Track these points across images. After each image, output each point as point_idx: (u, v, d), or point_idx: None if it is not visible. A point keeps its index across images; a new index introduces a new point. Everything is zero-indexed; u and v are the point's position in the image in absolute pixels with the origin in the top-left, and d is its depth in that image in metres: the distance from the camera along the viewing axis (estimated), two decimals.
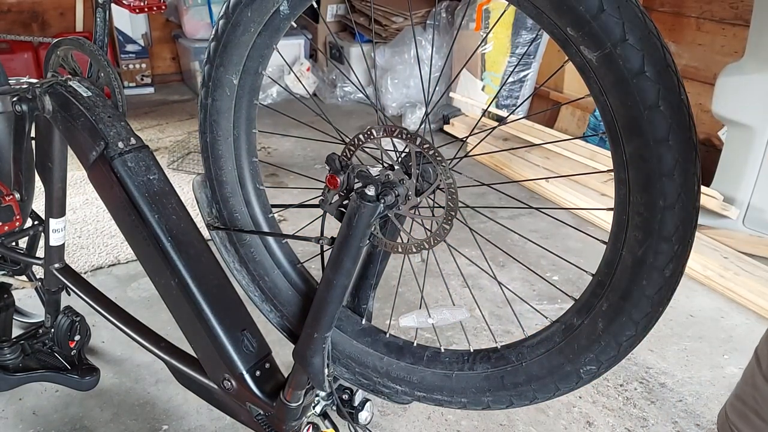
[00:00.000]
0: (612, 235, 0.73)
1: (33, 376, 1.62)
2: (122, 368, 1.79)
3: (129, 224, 1.11)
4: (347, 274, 0.90)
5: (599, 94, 0.67)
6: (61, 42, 1.29)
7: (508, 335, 1.95)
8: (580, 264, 0.89)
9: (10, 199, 1.40)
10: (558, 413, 1.68)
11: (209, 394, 1.17)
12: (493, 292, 2.15)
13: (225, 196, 1.06)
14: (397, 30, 3.97)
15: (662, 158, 0.64)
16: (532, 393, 0.86)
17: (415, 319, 1.11)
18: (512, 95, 3.53)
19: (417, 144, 0.82)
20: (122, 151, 1.11)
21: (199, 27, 4.23)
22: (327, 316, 0.94)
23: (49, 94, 1.19)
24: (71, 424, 1.60)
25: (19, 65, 3.77)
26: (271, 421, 1.10)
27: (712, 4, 2.81)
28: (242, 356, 1.08)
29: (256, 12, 0.89)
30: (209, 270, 1.11)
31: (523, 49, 3.38)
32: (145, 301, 2.08)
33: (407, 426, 1.63)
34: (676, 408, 1.72)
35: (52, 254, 1.51)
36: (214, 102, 0.99)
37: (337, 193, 0.89)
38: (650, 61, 0.63)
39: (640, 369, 1.85)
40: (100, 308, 1.41)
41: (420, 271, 1.87)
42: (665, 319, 0.71)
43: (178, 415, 1.63)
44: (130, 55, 4.37)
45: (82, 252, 2.39)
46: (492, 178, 3.12)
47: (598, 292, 0.76)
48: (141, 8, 1.69)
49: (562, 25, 0.66)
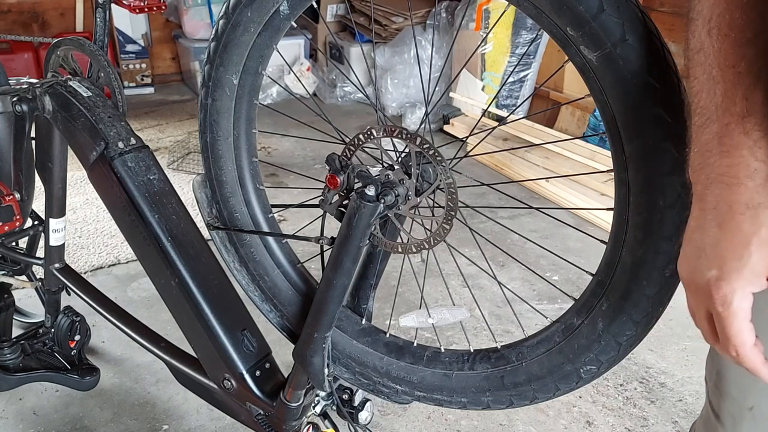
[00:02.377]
0: (612, 235, 0.73)
1: (33, 376, 1.62)
2: (122, 368, 1.79)
3: (129, 224, 1.11)
4: (347, 274, 0.90)
5: (599, 94, 0.67)
6: (61, 42, 1.29)
7: (508, 335, 1.95)
8: (580, 264, 0.89)
9: (10, 199, 1.40)
10: (558, 413, 1.68)
11: (209, 394, 1.17)
12: (493, 292, 2.15)
13: (225, 196, 1.06)
14: (397, 30, 3.97)
15: (662, 158, 0.64)
16: (532, 393, 0.86)
17: (415, 319, 1.12)
18: (512, 95, 3.53)
19: (417, 144, 0.82)
20: (122, 151, 1.11)
21: (199, 27, 4.23)
22: (327, 316, 0.94)
23: (49, 94, 1.19)
24: (71, 424, 1.60)
25: (19, 65, 3.77)
26: (271, 421, 1.10)
27: None
28: (242, 356, 1.08)
29: (256, 12, 0.89)
30: (209, 270, 1.11)
31: (523, 49, 3.38)
32: (145, 301, 2.08)
33: (407, 426, 1.63)
34: (676, 408, 1.72)
35: (52, 254, 1.51)
36: (214, 102, 0.99)
37: (337, 193, 0.89)
38: (650, 61, 0.63)
39: (640, 369, 1.85)
40: (100, 308, 1.41)
41: (420, 271, 1.87)
42: (665, 319, 0.71)
43: (178, 415, 1.63)
44: (130, 55, 4.37)
45: (82, 252, 2.39)
46: (492, 178, 3.12)
47: (598, 292, 0.76)
48: (141, 8, 1.69)
49: (562, 25, 0.66)
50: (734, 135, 0.53)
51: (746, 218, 0.52)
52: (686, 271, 0.58)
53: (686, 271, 0.58)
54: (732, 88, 0.53)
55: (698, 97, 0.56)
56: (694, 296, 0.58)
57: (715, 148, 0.54)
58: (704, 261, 0.55)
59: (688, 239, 0.57)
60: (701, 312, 0.57)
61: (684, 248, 0.58)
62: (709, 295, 0.55)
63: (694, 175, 0.56)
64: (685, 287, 0.58)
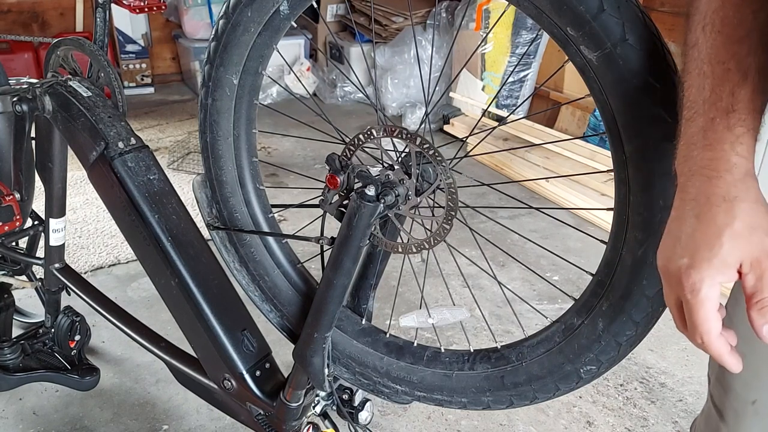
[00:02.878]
0: (612, 235, 0.73)
1: (33, 376, 1.62)
2: (122, 368, 1.79)
3: (129, 224, 1.11)
4: (347, 274, 0.90)
5: (599, 94, 0.67)
6: (61, 42, 1.29)
7: (508, 335, 1.95)
8: (580, 264, 0.89)
9: (10, 199, 1.40)
10: (558, 413, 1.68)
11: (209, 394, 1.17)
12: (493, 292, 2.15)
13: (225, 196, 1.06)
14: (397, 30, 3.97)
15: (662, 158, 0.64)
16: (532, 393, 0.86)
17: (415, 319, 1.12)
18: (512, 95, 3.53)
19: (417, 144, 0.82)
20: (122, 151, 1.11)
21: (199, 27, 4.23)
22: (327, 316, 0.94)
23: (49, 94, 1.19)
24: (71, 424, 1.60)
25: (19, 65, 3.76)
26: (271, 421, 1.10)
27: None
28: (242, 356, 1.08)
29: (256, 12, 0.89)
30: (209, 270, 1.11)
31: (523, 49, 3.38)
32: (145, 301, 2.08)
33: (407, 426, 1.63)
34: (676, 408, 1.72)
35: (52, 254, 1.51)
36: (214, 102, 0.99)
37: (337, 193, 0.89)
38: (650, 61, 0.63)
39: (641, 369, 1.85)
40: (100, 308, 1.41)
41: (420, 271, 1.87)
42: (665, 319, 0.71)
43: (178, 415, 1.63)
44: (130, 55, 4.37)
45: (82, 252, 2.39)
46: (492, 178, 3.12)
47: (598, 292, 0.76)
48: (141, 8, 1.69)
49: (562, 25, 0.66)
50: (718, 129, 0.54)
51: (721, 210, 0.54)
52: (662, 259, 0.59)
53: (662, 259, 0.59)
54: (720, 84, 0.55)
55: (689, 92, 0.57)
56: (666, 283, 0.59)
57: (699, 141, 0.56)
58: (678, 249, 0.57)
59: (667, 229, 0.59)
60: (672, 299, 0.59)
61: (664, 237, 0.59)
62: (679, 282, 0.56)
63: (679, 167, 0.58)
64: (661, 275, 0.60)
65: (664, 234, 0.59)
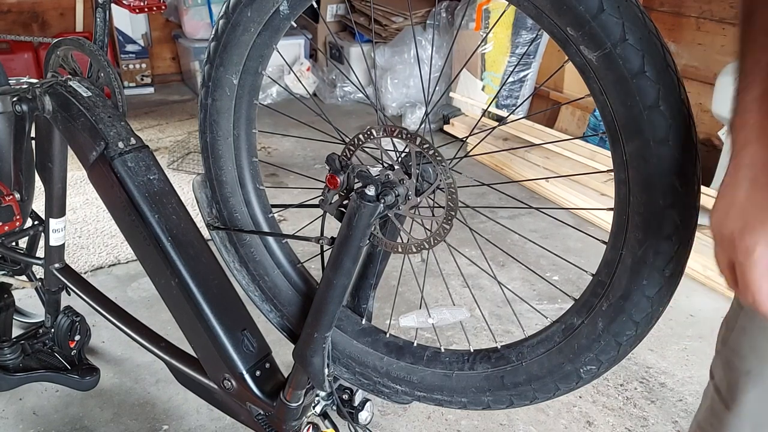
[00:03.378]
0: (612, 235, 0.73)
1: (33, 376, 1.62)
2: (122, 368, 1.79)
3: (129, 224, 1.11)
4: (347, 274, 0.90)
5: (599, 94, 0.67)
6: (61, 42, 1.29)
7: (508, 335, 1.95)
8: (580, 264, 0.89)
9: (10, 199, 1.40)
10: (558, 413, 1.68)
11: (209, 394, 1.17)
12: (493, 292, 2.15)
13: (225, 196, 1.06)
14: (397, 30, 3.97)
15: (662, 158, 0.64)
16: (532, 393, 0.86)
17: (415, 319, 1.12)
18: (512, 95, 3.53)
19: (417, 144, 0.82)
20: (122, 151, 1.11)
21: (199, 27, 4.23)
22: (327, 316, 0.94)
23: (49, 94, 1.19)
24: (71, 424, 1.60)
25: (19, 65, 3.76)
26: (271, 421, 1.10)
27: (712, 4, 2.81)
28: (242, 356, 1.08)
29: (256, 12, 0.89)
30: (209, 270, 1.11)
31: (523, 49, 3.38)
32: (145, 301, 2.08)
33: (407, 426, 1.63)
34: (676, 408, 1.72)
35: (52, 254, 1.51)
36: (214, 102, 0.99)
37: (337, 193, 0.89)
38: (650, 61, 0.63)
39: (640, 369, 1.85)
40: (100, 308, 1.41)
41: (420, 271, 1.87)
42: (665, 319, 0.72)
43: (178, 415, 1.63)
44: (130, 55, 4.37)
45: (82, 252, 2.39)
46: (492, 178, 3.12)
47: (598, 292, 0.76)
48: (141, 8, 1.69)
49: (562, 24, 0.66)
50: None
51: None
52: (716, 222, 0.62)
53: (716, 222, 0.62)
54: None
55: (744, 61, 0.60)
56: (719, 246, 0.62)
57: (755, 108, 0.58)
58: (732, 213, 0.59)
59: (721, 194, 0.61)
60: (724, 261, 0.62)
61: (716, 202, 0.62)
62: (732, 245, 0.59)
63: (734, 135, 0.60)
64: (714, 237, 0.62)
65: (717, 198, 0.61)
